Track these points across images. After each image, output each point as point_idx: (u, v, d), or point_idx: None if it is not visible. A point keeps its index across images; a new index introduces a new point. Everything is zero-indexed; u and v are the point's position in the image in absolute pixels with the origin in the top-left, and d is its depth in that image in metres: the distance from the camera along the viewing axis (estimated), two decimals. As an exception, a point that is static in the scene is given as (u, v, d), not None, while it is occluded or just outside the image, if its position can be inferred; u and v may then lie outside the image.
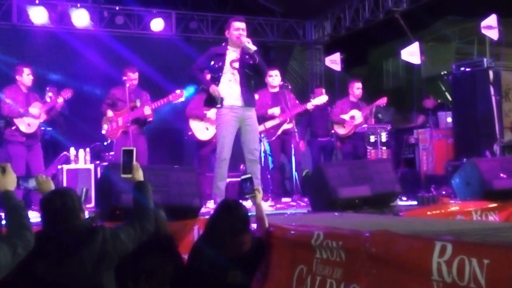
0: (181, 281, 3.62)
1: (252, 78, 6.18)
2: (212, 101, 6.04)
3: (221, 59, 6.07)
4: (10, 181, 2.95)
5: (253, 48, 5.96)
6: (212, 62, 6.08)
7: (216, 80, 6.03)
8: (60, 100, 7.15)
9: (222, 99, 5.96)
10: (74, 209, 3.10)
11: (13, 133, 6.86)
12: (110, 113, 7.40)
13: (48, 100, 7.34)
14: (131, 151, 3.55)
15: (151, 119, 7.43)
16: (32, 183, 3.64)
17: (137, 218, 3.26)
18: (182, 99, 7.60)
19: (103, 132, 7.58)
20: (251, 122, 6.15)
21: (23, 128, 6.86)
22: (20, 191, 4.71)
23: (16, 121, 6.84)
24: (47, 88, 8.33)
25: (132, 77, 7.36)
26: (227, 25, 6.19)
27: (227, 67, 6.03)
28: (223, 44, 6.19)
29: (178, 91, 7.51)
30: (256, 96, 6.85)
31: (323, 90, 9.23)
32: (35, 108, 6.94)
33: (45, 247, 2.98)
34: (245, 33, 6.05)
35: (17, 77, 7.01)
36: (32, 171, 6.67)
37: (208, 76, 6.25)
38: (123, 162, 3.54)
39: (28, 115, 6.87)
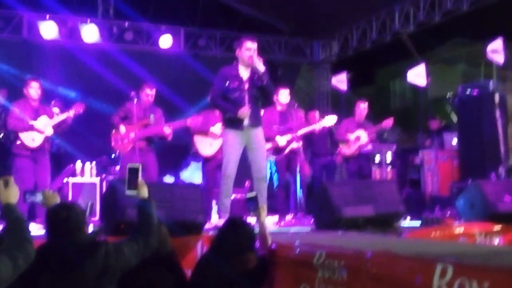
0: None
1: (259, 99, 6.19)
2: (235, 123, 6.01)
3: (236, 79, 6.03)
4: (13, 194, 2.93)
5: (262, 68, 5.95)
6: (227, 83, 6.01)
7: (236, 101, 5.98)
8: (72, 112, 7.04)
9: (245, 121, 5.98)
10: (78, 222, 3.14)
11: (18, 147, 6.83)
12: (123, 128, 7.25)
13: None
14: (137, 168, 3.58)
15: (169, 138, 7.35)
16: (39, 197, 3.68)
17: (141, 234, 3.29)
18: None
19: (113, 144, 7.44)
20: (258, 140, 6.15)
21: (28, 142, 6.80)
22: (25, 204, 4.77)
23: (21, 135, 6.80)
24: (52, 102, 8.28)
25: (149, 93, 7.32)
26: (238, 43, 6.13)
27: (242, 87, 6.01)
28: (234, 63, 6.14)
29: (195, 116, 7.52)
30: (262, 112, 6.87)
31: (317, 113, 9.16)
32: (41, 122, 6.88)
33: (48, 260, 3.02)
34: (256, 53, 5.98)
35: (24, 90, 6.97)
36: (38, 185, 6.65)
37: None
38: (128, 178, 3.57)
39: (34, 130, 6.82)
